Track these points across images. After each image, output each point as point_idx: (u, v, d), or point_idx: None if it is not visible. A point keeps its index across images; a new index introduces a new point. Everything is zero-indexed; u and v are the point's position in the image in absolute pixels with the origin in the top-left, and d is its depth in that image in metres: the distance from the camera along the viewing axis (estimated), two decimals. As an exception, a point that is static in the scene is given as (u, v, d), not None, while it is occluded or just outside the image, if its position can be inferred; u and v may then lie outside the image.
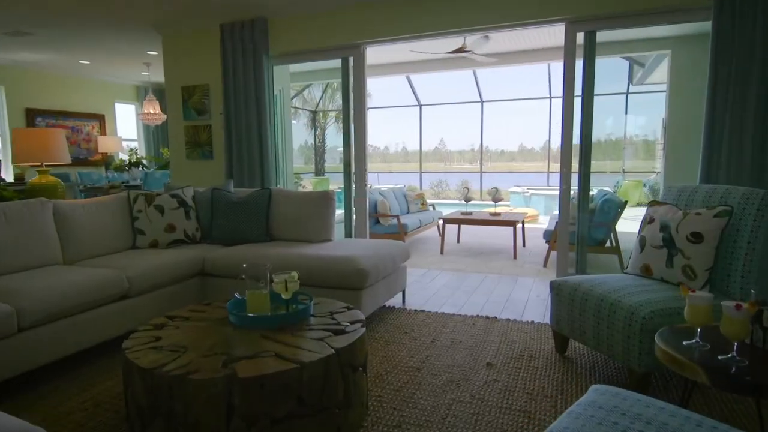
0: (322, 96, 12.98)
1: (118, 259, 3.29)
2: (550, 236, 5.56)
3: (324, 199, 3.84)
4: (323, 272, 3.17)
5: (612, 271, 5.14)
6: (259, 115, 5.33)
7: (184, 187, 3.92)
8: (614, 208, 5.35)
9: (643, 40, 6.80)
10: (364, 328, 2.24)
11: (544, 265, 5.52)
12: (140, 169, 7.25)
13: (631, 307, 2.39)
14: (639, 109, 10.93)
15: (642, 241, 2.87)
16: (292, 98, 12.56)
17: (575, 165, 4.67)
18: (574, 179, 4.64)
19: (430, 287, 4.43)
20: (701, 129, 3.96)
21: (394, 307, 3.83)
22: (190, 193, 3.91)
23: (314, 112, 13.22)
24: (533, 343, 3.11)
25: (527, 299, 4.04)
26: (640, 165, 11.25)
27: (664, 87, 9.51)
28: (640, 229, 2.99)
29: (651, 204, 3.01)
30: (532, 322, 3.46)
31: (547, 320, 3.51)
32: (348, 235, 5.37)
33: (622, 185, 10.53)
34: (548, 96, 11.28)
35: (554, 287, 2.89)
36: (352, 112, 5.23)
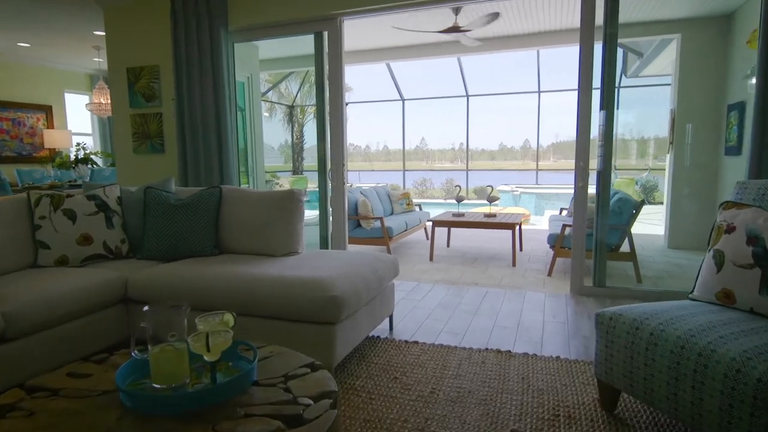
0: (299, 89, 12.02)
1: (1, 284, 2.34)
2: (554, 241, 4.76)
3: (289, 201, 2.94)
4: (284, 301, 2.28)
5: (628, 281, 4.36)
6: (217, 101, 4.40)
7: (107, 185, 2.98)
8: (629, 208, 4.56)
9: (649, 23, 6.05)
10: (335, 410, 1.37)
11: (549, 274, 4.72)
12: (88, 166, 6.26)
13: (735, 361, 1.56)
14: (632, 104, 10.26)
15: (718, 258, 2.06)
16: (266, 92, 11.56)
17: (572, 162, 3.89)
18: (566, 178, 3.84)
19: (422, 307, 3.57)
20: (734, 113, 3.16)
21: (379, 337, 2.95)
22: (114, 194, 2.97)
23: (291, 107, 12.25)
24: (567, 393, 2.27)
25: (542, 322, 3.22)
26: (630, 162, 10.60)
27: (660, 80, 8.85)
28: (711, 241, 2.18)
29: (726, 207, 2.19)
30: (558, 358, 2.63)
31: (575, 353, 2.68)
32: (323, 241, 4.48)
33: (614, 183, 9.84)
34: (537, 90, 10.53)
35: (602, 322, 2.05)
36: (327, 98, 4.33)
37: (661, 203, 8.63)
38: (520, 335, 2.98)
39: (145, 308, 1.47)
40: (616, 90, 4.05)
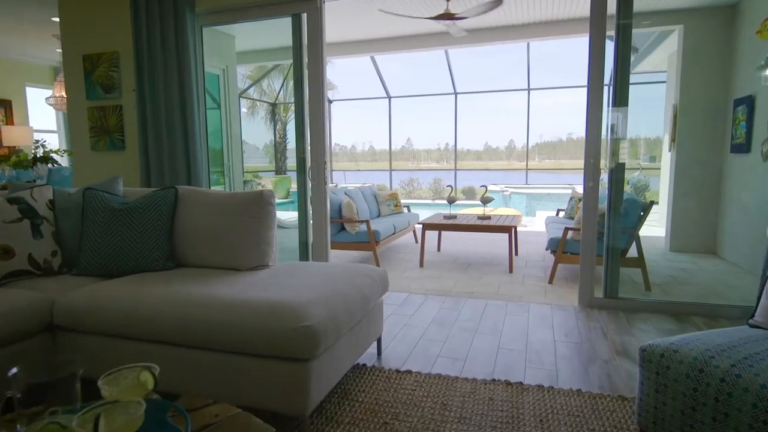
0: (282, 86, 11.47)
1: None
2: (555, 245, 4.32)
3: (256, 204, 2.43)
4: (245, 333, 1.78)
5: (636, 290, 3.93)
6: (183, 93, 3.87)
7: (36, 185, 2.43)
8: (636, 210, 4.14)
9: (648, 13, 5.66)
10: None
11: (550, 281, 4.28)
12: (48, 165, 5.68)
13: None
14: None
15: (792, 276, 1.62)
16: (247, 88, 10.99)
17: (577, 162, 3.44)
18: (572, 178, 3.39)
19: (414, 324, 3.09)
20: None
21: (365, 365, 2.46)
22: (45, 197, 2.43)
23: (273, 105, 11.69)
24: (598, 442, 1.81)
25: (552, 342, 2.76)
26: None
27: (656, 77, 8.51)
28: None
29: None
30: (579, 391, 2.17)
31: (597, 384, 2.22)
32: (303, 247, 3.98)
33: (605, 183, 9.49)
34: (526, 87, 10.13)
35: (651, 360, 1.58)
36: (306, 89, 3.83)
37: (654, 202, 8.23)
38: (530, 360, 2.52)
39: (12, 371, 0.96)
40: (607, 87, 3.63)
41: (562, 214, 5.77)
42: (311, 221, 3.87)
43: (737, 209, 4.98)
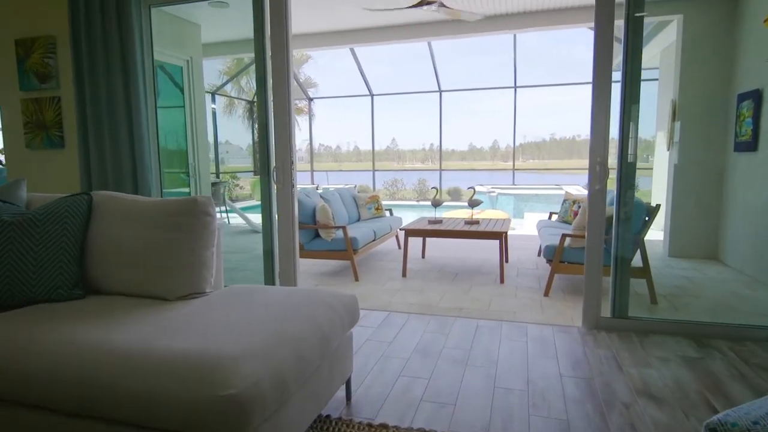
0: (260, 84, 10.84)
1: None
2: (551, 254, 3.84)
3: (189, 215, 1.88)
4: (146, 402, 1.24)
5: (640, 303, 3.47)
6: (127, 84, 3.30)
7: None
8: (640, 214, 3.68)
9: (646, 2, 5.21)
10: None
11: (546, 294, 3.80)
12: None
13: None
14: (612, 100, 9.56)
15: None
16: (223, 84, 10.37)
17: (578, 162, 2.96)
18: (559, 179, 2.89)
19: (393, 354, 2.57)
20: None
21: (329, 417, 1.93)
22: None
23: (252, 102, 11.07)
24: None
25: (558, 377, 2.26)
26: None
27: (645, 74, 8.13)
28: None
29: None
30: (601, 453, 1.67)
31: (625, 445, 1.72)
32: (268, 258, 3.43)
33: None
34: (513, 85, 9.69)
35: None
36: (270, 76, 3.29)
37: (659, 206, 7.76)
38: (535, 404, 2.01)
39: None
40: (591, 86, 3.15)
41: (555, 217, 5.30)
42: (276, 232, 3.32)
43: (741, 211, 4.56)
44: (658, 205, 3.72)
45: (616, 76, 2.90)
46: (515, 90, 9.61)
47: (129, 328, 1.51)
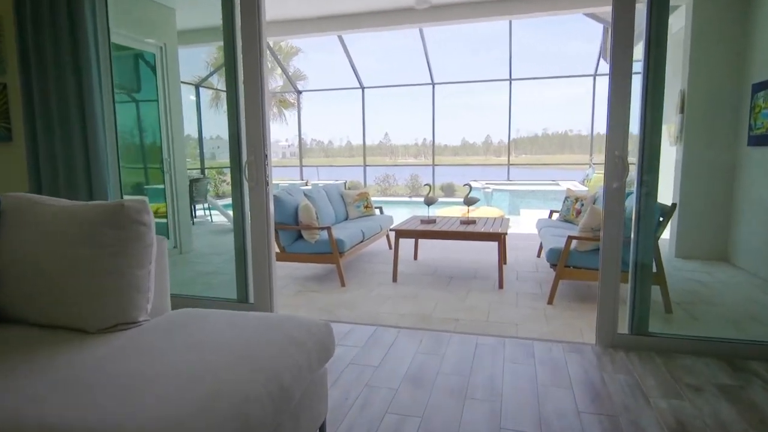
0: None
1: None
2: (556, 258, 3.45)
3: (114, 226, 1.45)
4: None
5: (656, 314, 3.09)
6: (79, 73, 2.85)
7: None
8: (654, 215, 3.29)
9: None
10: None
11: (550, 302, 3.41)
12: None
13: None
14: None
15: None
16: (209, 75, 9.85)
17: (571, 157, 2.56)
18: (554, 174, 2.49)
19: (379, 384, 2.16)
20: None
21: (297, 476, 1.52)
22: None
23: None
24: None
25: (576, 415, 1.86)
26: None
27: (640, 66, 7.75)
28: None
29: None
30: None
31: None
32: (240, 260, 3.01)
33: (592, 178, 8.73)
34: (508, 78, 9.28)
35: None
36: (240, 57, 2.85)
37: (676, 205, 7.33)
38: (551, 454, 1.62)
39: None
40: (592, 78, 2.74)
41: (555, 216, 4.91)
42: (249, 235, 2.90)
43: (755, 210, 4.20)
44: (674, 205, 3.34)
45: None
46: (510, 83, 9.20)
47: (12, 382, 1.08)
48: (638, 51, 2.46)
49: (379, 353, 2.43)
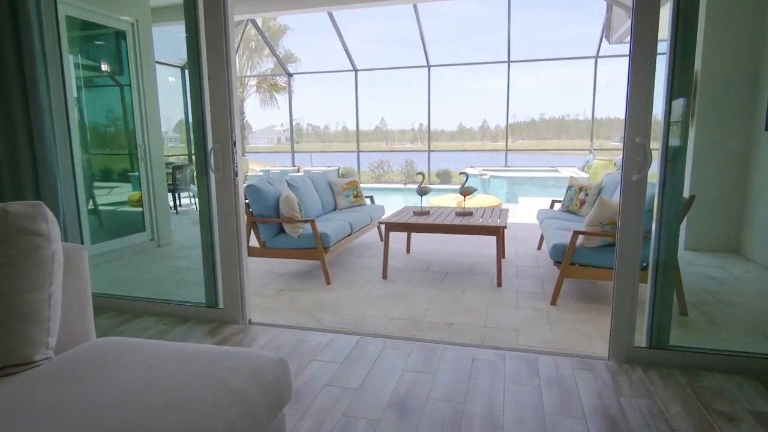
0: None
1: None
2: (560, 254, 3.11)
3: (0, 237, 1.10)
4: None
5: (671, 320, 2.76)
6: (20, 51, 2.45)
7: None
8: (680, 209, 2.93)
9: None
10: None
11: (553, 302, 3.08)
12: None
13: None
14: (612, 79, 8.75)
15: None
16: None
17: (569, 142, 2.20)
18: (554, 160, 2.13)
19: (359, 412, 1.82)
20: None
21: None
22: None
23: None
24: None
25: (590, 450, 1.54)
26: (611, 143, 9.15)
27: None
28: None
29: None
30: None
31: None
32: (207, 258, 2.66)
33: (592, 164, 8.37)
34: (506, 60, 8.83)
35: None
36: (203, 33, 2.45)
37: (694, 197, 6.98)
38: None
39: None
40: (594, 60, 2.35)
41: (557, 206, 4.55)
42: (216, 233, 2.55)
43: (772, 200, 3.86)
44: (693, 196, 2.99)
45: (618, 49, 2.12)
46: (509, 65, 8.76)
47: None
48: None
49: (361, 371, 2.10)
